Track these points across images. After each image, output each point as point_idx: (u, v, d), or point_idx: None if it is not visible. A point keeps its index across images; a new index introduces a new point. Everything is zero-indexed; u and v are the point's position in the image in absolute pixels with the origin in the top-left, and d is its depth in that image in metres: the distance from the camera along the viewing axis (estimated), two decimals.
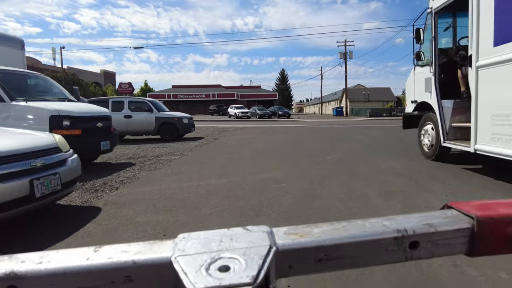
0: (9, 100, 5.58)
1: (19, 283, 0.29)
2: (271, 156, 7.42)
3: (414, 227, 0.36)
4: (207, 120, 30.01)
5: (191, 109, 51.76)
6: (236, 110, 38.78)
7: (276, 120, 35.07)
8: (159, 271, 0.31)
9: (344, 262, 0.35)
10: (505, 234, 0.36)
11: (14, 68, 6.62)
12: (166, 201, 3.88)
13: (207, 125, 22.16)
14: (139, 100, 12.82)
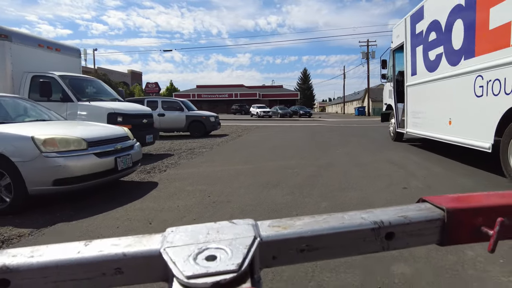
0: (76, 100, 6.93)
1: (11, 276, 0.31)
2: (288, 150, 8.48)
3: (390, 219, 0.38)
4: (230, 119, 31.28)
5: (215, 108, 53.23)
6: (258, 110, 39.73)
7: (297, 119, 35.83)
8: (148, 263, 0.33)
9: (324, 252, 0.37)
10: (472, 224, 0.39)
11: (77, 74, 8.02)
12: (205, 179, 5.05)
13: (230, 123, 23.38)
14: (171, 100, 14.18)
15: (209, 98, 60.08)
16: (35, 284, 0.31)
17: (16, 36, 7.25)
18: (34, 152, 3.48)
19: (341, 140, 10.79)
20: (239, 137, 12.98)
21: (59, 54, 8.41)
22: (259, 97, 58.73)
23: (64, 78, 7.18)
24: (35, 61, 7.51)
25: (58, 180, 3.54)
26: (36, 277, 0.31)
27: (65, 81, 7.11)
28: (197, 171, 5.73)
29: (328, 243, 0.36)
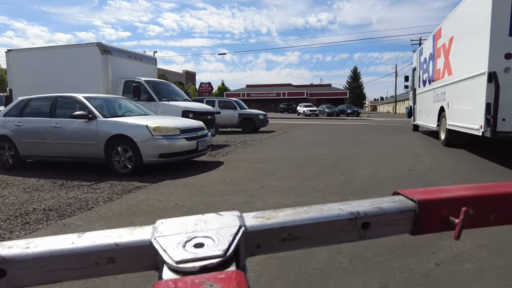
0: (158, 100, 8.92)
1: (8, 266, 0.32)
2: (326, 143, 9.86)
3: (365, 210, 0.41)
4: (277, 117, 32.87)
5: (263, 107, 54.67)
6: (305, 108, 40.67)
7: (344, 118, 36.30)
8: (139, 252, 0.34)
9: (305, 241, 0.39)
10: (441, 214, 0.41)
11: (156, 79, 10.10)
12: (256, 161, 6.69)
13: (278, 121, 24.96)
14: (226, 100, 16.12)
15: (258, 97, 62.05)
16: (31, 274, 0.33)
17: (114, 50, 9.46)
18: (147, 135, 5.35)
19: (376, 137, 11.87)
20: (284, 133, 14.51)
21: (142, 63, 10.58)
22: (306, 96, 59.50)
23: (148, 82, 9.23)
24: (126, 69, 9.68)
25: (162, 154, 5.39)
26: (31, 268, 0.33)
27: (149, 84, 9.16)
28: (250, 156, 7.41)
29: (308, 233, 0.39)
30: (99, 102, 6.20)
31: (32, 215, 3.58)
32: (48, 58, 9.91)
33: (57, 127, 5.96)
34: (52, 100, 6.32)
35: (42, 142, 6.11)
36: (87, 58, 9.23)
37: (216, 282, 0.27)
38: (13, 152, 6.43)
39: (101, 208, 3.79)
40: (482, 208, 0.42)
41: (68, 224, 3.29)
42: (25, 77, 10.11)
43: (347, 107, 44.45)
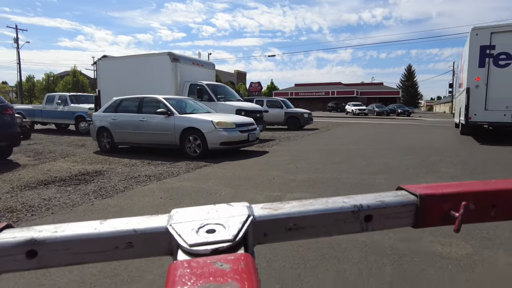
0: (216, 100, 10.70)
1: (38, 248, 0.36)
2: (362, 140, 10.96)
3: (368, 203, 0.42)
4: (325, 116, 33.71)
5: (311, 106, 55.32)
6: (353, 107, 40.71)
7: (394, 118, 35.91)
8: (156, 237, 0.37)
9: (310, 231, 0.41)
10: (442, 208, 0.43)
11: (214, 82, 11.92)
12: (295, 151, 8.13)
13: (324, 120, 25.96)
14: (274, 99, 17.66)
15: (306, 96, 62.73)
16: (58, 255, 0.36)
17: (181, 58, 11.42)
18: (212, 128, 7.04)
19: (413, 135, 12.63)
20: (327, 130, 15.67)
21: (203, 68, 12.48)
22: (356, 94, 58.94)
23: (208, 85, 11.05)
24: (190, 74, 11.60)
25: (222, 142, 7.06)
26: (59, 250, 0.36)
27: (209, 87, 10.98)
28: (291, 148, 8.87)
29: (313, 223, 0.41)
30: (174, 102, 8.04)
31: (139, 178, 5.38)
32: (129, 65, 12.18)
33: (143, 120, 7.90)
34: (139, 99, 8.29)
35: (132, 132, 8.10)
36: (160, 65, 11.27)
37: (226, 263, 0.30)
38: (109, 140, 8.52)
39: (184, 175, 5.52)
40: (483, 204, 0.44)
41: (165, 182, 5.03)
42: (111, 80, 12.50)
43: (398, 107, 43.66)
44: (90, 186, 4.91)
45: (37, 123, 15.62)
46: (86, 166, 6.60)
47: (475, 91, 9.40)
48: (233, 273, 0.29)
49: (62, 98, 14.55)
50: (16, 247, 0.35)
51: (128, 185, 4.91)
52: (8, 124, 7.00)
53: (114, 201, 4.12)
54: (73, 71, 51.68)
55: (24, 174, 5.85)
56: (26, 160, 7.34)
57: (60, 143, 10.56)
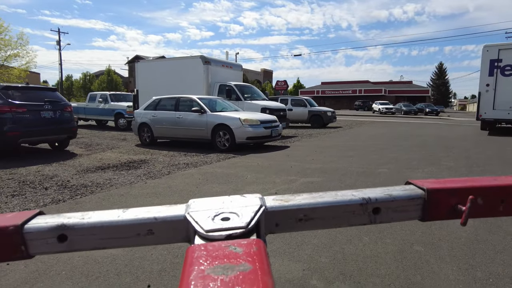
0: (243, 100, 11.63)
1: (68, 232, 0.39)
2: (380, 138, 11.56)
3: (376, 196, 0.44)
4: (350, 115, 33.94)
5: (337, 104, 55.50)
6: (380, 106, 40.41)
7: (421, 117, 35.44)
8: (174, 225, 0.40)
9: (319, 222, 0.43)
10: (449, 203, 0.44)
11: (241, 83, 12.88)
12: (316, 146, 8.93)
13: (349, 118, 26.37)
14: (298, 98, 18.43)
15: (332, 94, 62.57)
16: (85, 240, 0.40)
17: (212, 61, 12.45)
18: (239, 124, 7.98)
19: (434, 132, 13.03)
20: (350, 128, 16.25)
21: (231, 70, 13.47)
22: (384, 93, 58.20)
23: (236, 85, 12.01)
24: (220, 75, 12.61)
25: (248, 137, 7.99)
26: (86, 235, 0.39)
27: (237, 87, 11.93)
28: (311, 143, 9.68)
29: (322, 215, 0.42)
30: (206, 101, 9.05)
31: (179, 165, 6.40)
32: (164, 67, 13.39)
33: (180, 117, 8.96)
34: (176, 99, 9.37)
35: (169, 127, 9.18)
36: (193, 68, 12.36)
37: (239, 246, 0.32)
38: (149, 134, 9.66)
39: (216, 163, 6.49)
40: (491, 199, 0.44)
41: (201, 168, 6.01)
42: (148, 81, 13.75)
43: (426, 106, 42.95)
44: (140, 170, 5.97)
45: (80, 119, 17.22)
46: (132, 156, 7.72)
47: (485, 94, 12.23)
48: (246, 255, 0.31)
49: (103, 97, 16.03)
50: (49, 232, 0.39)
51: (171, 170, 5.93)
52: (68, 120, 8.27)
53: (162, 181, 5.14)
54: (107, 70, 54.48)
55: (82, 162, 7.02)
56: (80, 151, 8.59)
57: (103, 137, 11.88)
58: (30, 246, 0.39)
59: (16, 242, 0.38)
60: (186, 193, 4.44)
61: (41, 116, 7.61)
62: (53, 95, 8.12)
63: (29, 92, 7.78)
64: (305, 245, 2.85)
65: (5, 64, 29.20)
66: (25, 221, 0.39)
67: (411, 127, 17.40)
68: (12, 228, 0.38)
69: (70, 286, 2.24)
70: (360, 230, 3.12)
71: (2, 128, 7.03)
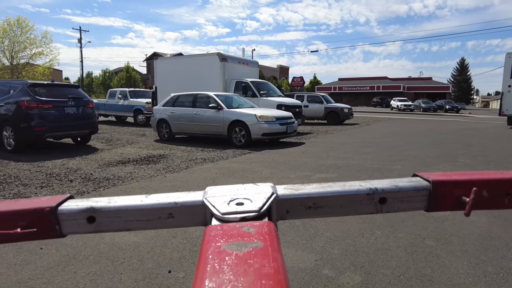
0: (259, 96, 11.74)
1: (96, 215, 0.43)
2: (397, 134, 11.46)
3: (383, 187, 0.46)
4: (368, 111, 33.48)
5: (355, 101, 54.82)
6: (399, 103, 39.69)
7: (441, 114, 34.69)
8: (193, 209, 0.43)
9: (328, 210, 0.45)
10: (454, 194, 0.46)
11: (257, 79, 12.98)
12: (331, 142, 8.97)
13: (366, 115, 26.07)
14: (314, 95, 18.36)
15: (350, 90, 61.83)
16: (111, 222, 0.43)
17: (229, 58, 12.60)
18: (255, 121, 8.10)
19: (453, 129, 12.80)
20: (367, 125, 16.13)
21: (247, 67, 13.59)
22: (403, 89, 57.15)
23: (252, 82, 12.12)
24: (236, 72, 12.74)
25: (264, 133, 8.10)
26: (112, 217, 0.43)
27: (253, 84, 12.04)
28: (327, 140, 9.72)
29: (331, 203, 0.45)
30: (223, 98, 9.21)
31: (196, 160, 6.58)
32: (182, 64, 13.64)
33: (197, 114, 9.15)
34: (193, 95, 9.56)
35: (187, 123, 9.39)
36: (210, 65, 12.53)
37: (252, 227, 0.35)
38: (168, 130, 9.89)
39: (232, 159, 6.64)
40: (496, 191, 0.46)
41: (218, 163, 6.17)
42: (166, 77, 14.03)
43: (446, 103, 41.92)
44: (159, 165, 6.18)
45: (101, 115, 17.72)
46: (151, 151, 7.96)
47: (507, 94, 14.56)
48: (258, 234, 0.34)
49: (122, 93, 16.43)
50: (79, 213, 0.43)
51: (189, 165, 6.12)
52: (90, 115, 8.58)
53: (181, 175, 5.32)
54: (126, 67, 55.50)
55: (104, 156, 7.29)
56: (101, 146, 8.90)
57: (123, 133, 12.22)
58: (63, 226, 0.43)
59: (52, 222, 0.42)
60: (203, 186, 4.50)
61: (65, 112, 7.93)
62: (76, 92, 8.44)
63: (54, 89, 8.11)
64: (318, 237, 2.95)
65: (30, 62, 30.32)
66: (59, 204, 0.43)
67: (430, 124, 17.12)
68: (48, 209, 0.42)
69: (97, 269, 2.42)
70: (372, 224, 3.19)
71: (29, 124, 7.38)
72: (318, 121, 17.97)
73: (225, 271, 0.29)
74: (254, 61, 14.33)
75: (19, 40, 29.01)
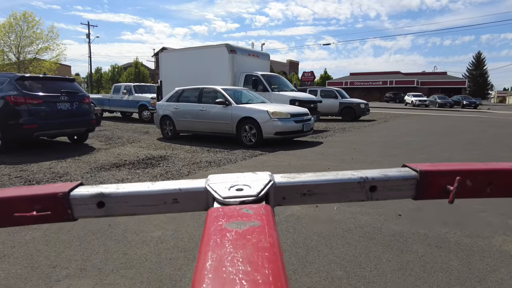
0: (271, 91, 10.83)
1: (106, 200, 0.45)
2: (421, 132, 10.46)
3: (373, 176, 0.49)
4: (382, 107, 32.32)
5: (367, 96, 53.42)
6: (413, 98, 38.55)
7: (458, 110, 33.40)
8: (196, 195, 0.46)
9: (321, 197, 0.48)
10: (440, 183, 0.49)
11: (268, 73, 12.06)
12: (352, 142, 8.05)
13: (381, 111, 24.97)
14: (328, 89, 17.37)
15: (362, 85, 60.45)
16: (120, 207, 0.46)
17: (238, 49, 11.69)
18: (267, 118, 7.22)
19: (479, 128, 11.72)
20: (384, 122, 15.11)
21: (258, 59, 12.66)
22: (417, 84, 55.62)
23: (263, 76, 11.21)
24: (246, 65, 11.83)
25: (277, 132, 7.21)
26: (120, 202, 0.45)
27: (264, 77, 11.13)
28: (347, 139, 8.78)
29: (324, 191, 0.48)
30: (231, 92, 8.34)
31: (200, 164, 5.74)
32: (188, 56, 12.76)
33: (203, 110, 8.31)
34: (199, 90, 8.72)
35: (192, 120, 8.56)
36: (218, 57, 11.65)
37: (251, 209, 0.39)
38: (171, 127, 9.08)
39: (241, 162, 5.78)
40: (479, 181, 0.49)
41: (224, 168, 5.32)
42: (171, 71, 13.20)
43: (463, 98, 40.41)
44: (157, 169, 5.36)
45: (105, 111, 17.04)
46: (152, 151, 7.16)
47: None
48: (256, 215, 0.37)
49: (127, 88, 15.70)
50: (90, 198, 0.45)
51: (191, 170, 5.28)
52: (86, 112, 7.81)
53: None
54: (135, 62, 55.07)
55: (99, 157, 6.52)
56: (99, 145, 8.14)
57: (126, 130, 11.48)
58: (75, 210, 0.45)
59: (65, 206, 0.45)
60: None
61: (58, 108, 7.17)
62: (70, 86, 7.66)
63: (46, 82, 7.34)
64: None
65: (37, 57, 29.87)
66: (71, 189, 0.45)
67: (450, 121, 16.00)
68: (61, 194, 0.45)
69: None
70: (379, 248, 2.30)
71: (17, 121, 6.64)
72: (332, 117, 17.02)
73: (226, 245, 0.31)
74: (265, 53, 13.39)
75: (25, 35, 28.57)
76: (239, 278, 0.27)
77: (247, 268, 0.28)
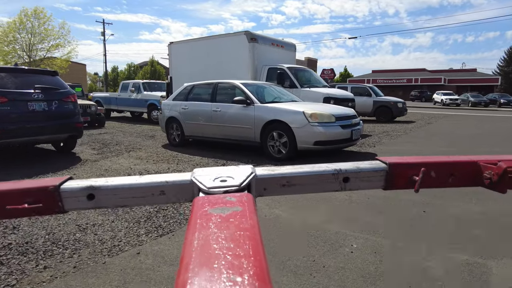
0: (300, 87, 8.91)
1: (96, 192, 0.47)
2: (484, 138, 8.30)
3: (346, 168, 0.53)
4: (411, 106, 29.81)
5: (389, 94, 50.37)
6: (443, 97, 35.99)
7: (496, 109, 30.55)
8: (182, 187, 0.48)
9: (299, 187, 0.52)
10: (407, 174, 0.53)
11: (296, 65, 10.12)
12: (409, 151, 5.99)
13: (413, 111, 22.62)
14: (360, 86, 15.32)
15: (385, 83, 57.57)
16: (109, 198, 0.48)
17: (260, 38, 9.81)
18: (304, 122, 5.31)
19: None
20: (428, 124, 12.93)
21: (283, 50, 10.74)
22: (444, 82, 52.54)
23: (290, 69, 9.31)
24: (269, 56, 9.94)
25: (317, 141, 5.29)
26: (110, 195, 0.48)
27: (291, 71, 9.23)
28: (403, 148, 6.78)
29: (302, 182, 0.51)
30: (253, 88, 6.47)
31: None
32: (202, 48, 10.94)
33: (218, 111, 6.47)
34: (213, 86, 6.88)
35: (204, 124, 6.74)
36: (236, 46, 9.80)
37: (233, 197, 0.40)
38: (179, 132, 7.30)
39: None
40: (442, 172, 0.53)
41: None
42: (183, 65, 11.43)
43: (500, 97, 37.18)
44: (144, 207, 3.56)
45: (113, 110, 15.50)
46: (150, 165, 5.40)
47: None
48: (238, 202, 0.39)
49: (135, 86, 14.05)
50: (80, 191, 0.47)
51: None
52: (70, 114, 6.09)
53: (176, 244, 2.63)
54: (151, 61, 53.99)
55: (78, 175, 4.81)
56: (88, 154, 6.45)
57: (130, 133, 9.80)
58: (66, 203, 0.47)
59: (56, 199, 0.46)
60: None
61: (29, 109, 5.49)
62: (49, 81, 5.96)
63: (16, 75, 5.67)
64: None
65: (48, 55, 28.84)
66: (61, 183, 0.47)
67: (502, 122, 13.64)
68: (52, 187, 0.46)
69: None
70: None
71: None
72: (364, 117, 14.92)
73: (211, 227, 0.34)
74: (290, 43, 11.41)
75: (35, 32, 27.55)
76: (223, 253, 0.29)
77: (230, 245, 0.31)
